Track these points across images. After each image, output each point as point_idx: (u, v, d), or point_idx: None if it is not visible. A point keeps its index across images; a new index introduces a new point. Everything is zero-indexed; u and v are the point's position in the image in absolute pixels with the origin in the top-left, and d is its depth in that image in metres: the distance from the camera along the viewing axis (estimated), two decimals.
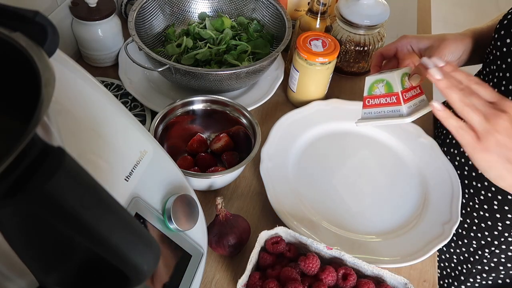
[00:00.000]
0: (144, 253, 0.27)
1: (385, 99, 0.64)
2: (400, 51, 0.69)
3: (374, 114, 0.66)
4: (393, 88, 0.63)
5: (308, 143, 0.76)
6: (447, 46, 0.66)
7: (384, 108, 0.64)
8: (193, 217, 0.47)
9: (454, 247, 0.77)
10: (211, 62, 0.80)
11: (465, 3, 2.93)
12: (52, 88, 0.24)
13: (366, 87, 0.67)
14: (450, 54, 0.67)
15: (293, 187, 0.68)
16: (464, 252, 0.76)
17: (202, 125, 0.72)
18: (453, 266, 0.80)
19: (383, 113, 0.65)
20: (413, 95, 0.64)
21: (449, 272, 0.81)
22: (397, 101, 0.62)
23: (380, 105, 0.65)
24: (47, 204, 0.23)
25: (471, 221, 0.73)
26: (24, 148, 0.21)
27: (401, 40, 0.69)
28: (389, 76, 0.63)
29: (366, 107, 0.66)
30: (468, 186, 0.71)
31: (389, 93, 0.64)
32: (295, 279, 0.53)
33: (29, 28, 0.27)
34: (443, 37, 0.68)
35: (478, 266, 0.75)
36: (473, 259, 0.75)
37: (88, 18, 0.77)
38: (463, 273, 0.78)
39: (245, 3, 0.89)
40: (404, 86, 0.63)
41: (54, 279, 0.28)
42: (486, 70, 0.69)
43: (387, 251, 0.62)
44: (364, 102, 0.66)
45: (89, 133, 0.40)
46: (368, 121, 0.66)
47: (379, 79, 0.64)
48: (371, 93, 0.66)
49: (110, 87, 0.79)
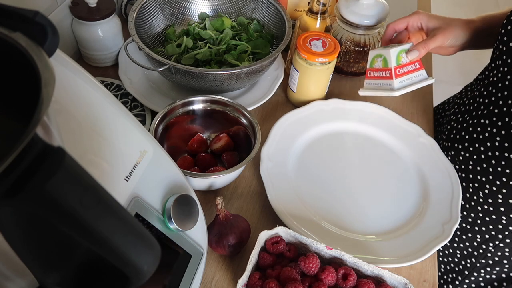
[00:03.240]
0: (144, 253, 0.27)
1: (382, 72, 0.73)
2: (410, 26, 0.75)
3: (373, 85, 0.75)
4: (388, 63, 0.71)
5: (308, 143, 0.76)
6: (453, 31, 0.70)
7: (380, 81, 0.74)
8: (193, 217, 0.47)
9: (458, 242, 0.78)
10: (211, 62, 0.80)
11: (465, 3, 2.93)
12: (52, 88, 0.24)
13: (369, 59, 0.75)
14: (454, 39, 0.70)
15: (293, 187, 0.68)
16: (468, 246, 0.77)
17: (202, 125, 0.72)
18: (457, 260, 0.80)
19: (379, 85, 0.74)
20: (409, 70, 0.73)
21: (452, 267, 0.81)
22: (390, 75, 0.71)
23: (378, 77, 0.74)
24: (47, 204, 0.23)
25: (475, 215, 0.73)
26: (24, 148, 0.21)
27: (413, 16, 0.74)
28: (386, 52, 0.71)
29: (368, 78, 0.76)
30: (472, 181, 0.71)
31: (385, 67, 0.72)
32: (295, 279, 0.53)
33: (29, 28, 0.27)
34: (451, 21, 0.72)
35: (482, 260, 0.76)
36: (477, 253, 0.76)
37: (88, 18, 0.77)
38: (467, 267, 0.78)
39: (245, 3, 0.89)
40: (399, 62, 0.71)
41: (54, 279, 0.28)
42: (492, 65, 0.70)
43: (387, 251, 0.62)
44: (366, 74, 0.76)
45: (89, 133, 0.40)
46: (368, 91, 0.75)
47: (378, 54, 0.73)
48: (372, 66, 0.75)
49: (110, 87, 0.79)
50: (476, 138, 0.70)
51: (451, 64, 0.77)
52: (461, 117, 0.75)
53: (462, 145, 0.73)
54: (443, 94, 1.12)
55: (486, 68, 0.73)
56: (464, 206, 0.74)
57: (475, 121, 0.70)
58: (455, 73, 2.34)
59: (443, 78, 2.16)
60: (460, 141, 0.74)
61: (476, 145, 0.70)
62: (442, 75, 2.07)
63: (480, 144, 0.69)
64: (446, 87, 1.83)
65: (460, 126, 0.74)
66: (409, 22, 0.74)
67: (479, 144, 0.69)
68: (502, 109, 0.65)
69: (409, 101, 0.88)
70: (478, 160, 0.70)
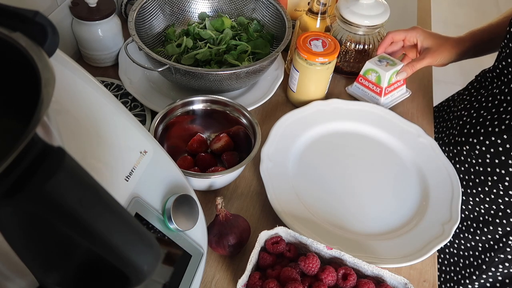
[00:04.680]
0: (144, 253, 0.27)
1: (373, 86, 0.82)
2: (407, 40, 0.81)
3: (361, 91, 0.85)
4: (380, 82, 0.80)
5: (308, 143, 0.76)
6: (442, 52, 0.77)
7: (369, 92, 0.83)
8: (193, 217, 0.47)
9: (479, 234, 0.77)
10: (211, 62, 0.80)
11: (465, 3, 2.93)
12: (52, 88, 0.24)
13: (364, 68, 0.82)
14: (442, 59, 0.78)
15: (293, 187, 0.68)
16: (489, 239, 0.76)
17: (202, 125, 0.72)
18: (477, 254, 0.79)
19: (367, 95, 0.84)
20: (394, 88, 0.83)
21: (471, 261, 0.80)
22: (380, 93, 0.82)
23: (368, 88, 0.83)
24: (47, 203, 0.23)
25: (497, 207, 0.73)
26: (24, 148, 0.21)
27: (411, 31, 0.80)
28: (382, 72, 0.79)
29: (358, 82, 0.84)
30: (491, 174, 0.72)
31: (377, 84, 0.81)
32: (295, 279, 0.53)
33: (29, 28, 0.27)
34: (444, 42, 0.78)
35: (501, 255, 0.75)
36: (497, 246, 0.75)
37: (88, 18, 0.77)
38: (486, 261, 0.78)
39: (245, 3, 0.89)
40: (390, 82, 0.81)
41: (54, 279, 0.28)
42: (501, 64, 0.70)
43: (387, 251, 0.62)
44: (358, 78, 0.84)
45: (89, 133, 0.40)
46: (355, 95, 0.86)
47: (374, 69, 0.80)
48: (365, 75, 0.82)
49: (110, 87, 0.79)
50: (492, 131, 0.70)
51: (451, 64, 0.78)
52: (474, 112, 0.75)
53: (477, 139, 0.73)
54: (443, 94, 1.12)
55: (495, 67, 0.74)
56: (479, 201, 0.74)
57: (493, 116, 0.71)
58: (455, 73, 2.34)
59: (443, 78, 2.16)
60: (476, 136, 0.73)
61: (493, 138, 0.70)
62: (442, 75, 2.07)
63: (496, 137, 0.69)
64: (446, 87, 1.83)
65: (475, 121, 0.74)
66: (407, 36, 0.80)
67: (495, 137, 0.70)
68: None
69: (409, 101, 0.88)
70: (495, 153, 0.70)
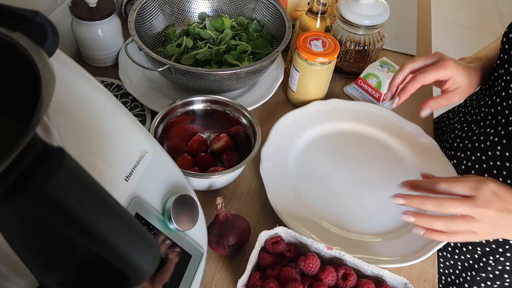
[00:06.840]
0: (144, 253, 0.27)
1: (372, 90, 0.83)
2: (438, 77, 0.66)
3: (359, 93, 0.86)
4: (381, 87, 0.82)
5: (308, 143, 0.76)
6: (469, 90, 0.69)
7: (367, 96, 0.85)
8: (193, 217, 0.47)
9: (458, 254, 0.77)
10: (211, 62, 0.80)
11: (465, 3, 2.93)
12: (52, 88, 0.24)
13: (364, 71, 0.83)
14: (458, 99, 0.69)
15: (293, 187, 0.68)
16: (468, 259, 0.76)
17: (202, 125, 0.72)
18: (458, 273, 0.79)
19: (365, 98, 0.85)
20: None
21: (453, 279, 0.80)
22: (378, 98, 0.83)
23: (367, 91, 0.84)
24: (47, 203, 0.23)
25: None
26: (24, 148, 0.21)
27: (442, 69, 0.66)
28: (383, 77, 0.81)
29: (357, 84, 0.85)
30: None
31: (377, 89, 0.82)
32: (295, 279, 0.53)
33: (29, 28, 0.27)
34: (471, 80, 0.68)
35: (483, 274, 0.74)
36: (477, 266, 0.74)
37: (88, 18, 0.77)
38: (467, 280, 0.77)
39: (245, 3, 0.89)
40: None
41: (54, 279, 0.28)
42: (495, 74, 0.70)
43: (387, 251, 0.62)
44: (358, 80, 0.85)
45: (89, 133, 0.40)
46: (352, 96, 0.86)
47: (375, 75, 0.82)
48: (366, 79, 0.83)
49: (110, 87, 0.79)
50: (478, 147, 0.70)
51: None
52: (466, 126, 0.75)
53: (464, 154, 0.73)
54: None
55: (489, 78, 0.73)
56: None
57: (481, 131, 0.70)
58: None
59: None
60: (463, 150, 0.73)
61: (478, 154, 0.70)
62: None
63: (482, 154, 0.69)
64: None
65: (464, 135, 0.74)
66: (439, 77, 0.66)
67: (480, 153, 0.69)
68: (508, 118, 0.65)
69: (409, 101, 0.87)
70: (480, 170, 0.70)
